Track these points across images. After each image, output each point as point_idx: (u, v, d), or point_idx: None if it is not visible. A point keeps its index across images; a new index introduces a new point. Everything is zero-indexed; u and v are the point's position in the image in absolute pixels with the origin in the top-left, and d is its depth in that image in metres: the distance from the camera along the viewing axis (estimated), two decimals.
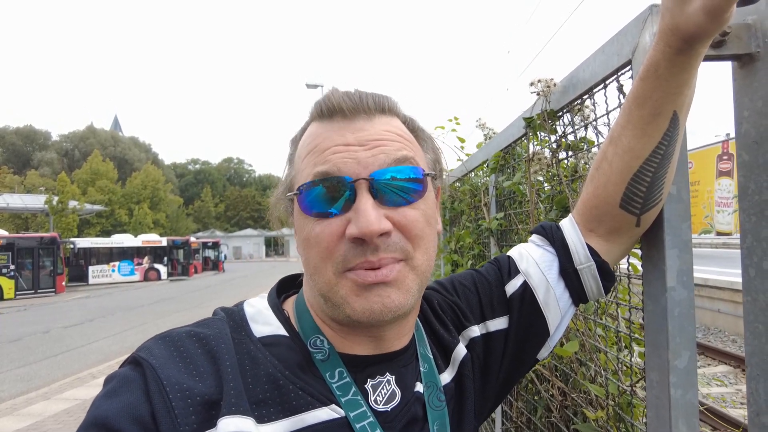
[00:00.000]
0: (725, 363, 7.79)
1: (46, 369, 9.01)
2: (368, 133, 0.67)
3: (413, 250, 0.66)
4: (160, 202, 52.59)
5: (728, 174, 16.23)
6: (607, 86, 1.02)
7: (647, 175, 0.76)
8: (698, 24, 0.61)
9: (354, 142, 0.66)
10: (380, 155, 0.65)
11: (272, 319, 0.72)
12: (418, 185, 0.67)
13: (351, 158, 0.65)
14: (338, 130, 0.67)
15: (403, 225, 0.65)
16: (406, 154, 0.67)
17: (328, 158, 0.65)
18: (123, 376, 0.60)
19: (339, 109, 0.67)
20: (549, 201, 1.40)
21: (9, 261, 21.49)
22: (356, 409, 0.66)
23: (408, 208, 0.66)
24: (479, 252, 2.32)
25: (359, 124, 0.67)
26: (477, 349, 0.84)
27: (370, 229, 0.61)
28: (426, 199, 0.69)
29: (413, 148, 0.71)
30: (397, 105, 0.73)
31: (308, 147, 0.69)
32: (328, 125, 0.68)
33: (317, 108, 0.70)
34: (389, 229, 0.64)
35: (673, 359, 0.81)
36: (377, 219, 0.62)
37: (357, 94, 0.69)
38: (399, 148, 0.67)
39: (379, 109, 0.69)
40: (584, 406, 1.25)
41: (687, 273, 0.82)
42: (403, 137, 0.70)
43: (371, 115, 0.68)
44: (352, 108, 0.67)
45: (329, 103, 0.68)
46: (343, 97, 0.68)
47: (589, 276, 0.84)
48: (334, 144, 0.66)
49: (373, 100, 0.69)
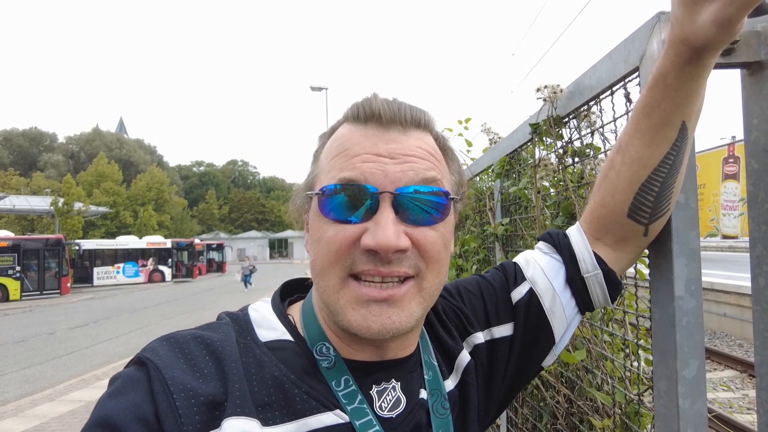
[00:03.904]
0: (731, 368, 7.73)
1: (51, 370, 9.05)
2: (401, 146, 0.65)
3: (426, 270, 0.66)
4: (164, 204, 52.75)
5: (734, 177, 16.09)
6: (614, 93, 1.02)
7: (655, 185, 0.75)
8: (708, 35, 0.61)
9: (385, 154, 0.64)
10: (409, 172, 0.64)
11: (277, 324, 0.72)
12: (441, 207, 0.66)
13: (379, 170, 0.63)
14: (371, 138, 0.66)
15: (421, 245, 0.64)
16: (434, 175, 0.66)
17: (356, 165, 0.64)
18: (127, 376, 0.60)
19: (377, 115, 0.66)
20: (555, 207, 1.39)
21: (15, 262, 21.60)
22: (362, 417, 0.66)
23: (429, 228, 0.65)
24: (484, 257, 2.32)
25: (393, 135, 0.66)
26: (481, 355, 0.83)
27: (387, 243, 0.60)
28: (446, 222, 0.68)
29: (441, 169, 0.70)
30: (432, 121, 0.72)
31: (337, 148, 0.68)
32: (361, 130, 0.67)
33: (353, 110, 0.68)
34: (407, 247, 0.63)
35: (682, 369, 0.80)
36: (396, 235, 0.61)
37: (396, 103, 0.68)
38: (428, 168, 0.66)
39: (415, 123, 0.68)
40: (590, 414, 1.24)
41: (695, 282, 0.81)
42: (433, 156, 0.69)
43: (407, 128, 0.67)
44: (390, 118, 0.66)
45: (368, 107, 0.67)
46: (383, 104, 0.66)
47: (595, 284, 0.84)
48: (365, 151, 0.65)
49: (410, 112, 0.68)
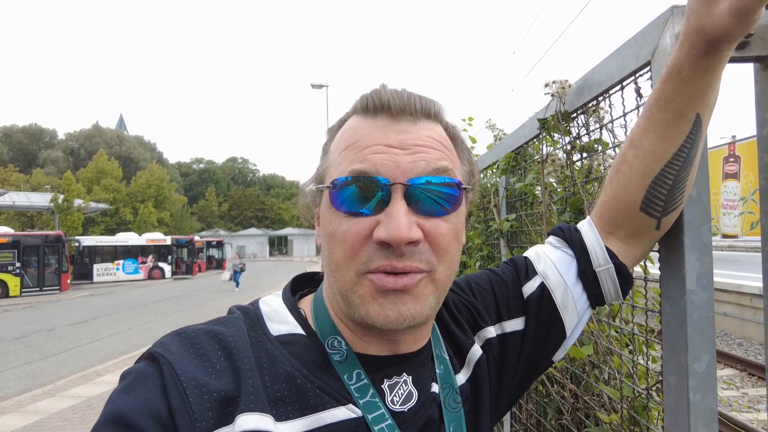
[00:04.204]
0: (731, 366, 7.75)
1: (51, 366, 9.06)
2: (411, 136, 0.65)
3: (437, 262, 0.65)
4: (164, 201, 52.73)
5: (734, 176, 16.09)
6: (624, 88, 1.01)
7: (669, 178, 0.75)
8: (725, 26, 0.60)
9: (396, 144, 0.64)
10: (421, 162, 0.64)
11: (289, 318, 0.71)
12: (453, 198, 0.66)
13: (391, 161, 0.63)
14: (381, 129, 0.65)
15: (433, 236, 0.64)
16: (446, 165, 0.66)
17: (367, 157, 0.64)
18: (139, 371, 0.60)
19: (387, 106, 0.65)
20: (562, 202, 1.39)
21: (15, 259, 21.59)
22: (374, 411, 0.65)
23: (440, 219, 0.65)
24: (488, 253, 2.32)
25: (403, 125, 0.65)
26: (492, 350, 0.83)
27: (400, 235, 0.60)
28: (458, 213, 0.68)
29: (452, 158, 0.69)
30: (442, 111, 0.71)
31: (347, 141, 0.67)
32: (371, 122, 0.66)
33: (362, 101, 0.68)
34: (419, 238, 0.62)
35: (692, 363, 0.80)
36: (408, 226, 0.61)
37: (405, 94, 0.67)
38: (440, 158, 0.66)
39: (425, 114, 0.68)
40: (597, 409, 1.25)
41: (707, 276, 0.81)
42: (444, 146, 0.68)
43: (417, 118, 0.67)
44: (400, 108, 0.65)
45: (377, 98, 0.66)
46: (392, 94, 0.66)
47: (607, 278, 0.84)
48: (375, 143, 0.64)
49: (420, 103, 0.67)
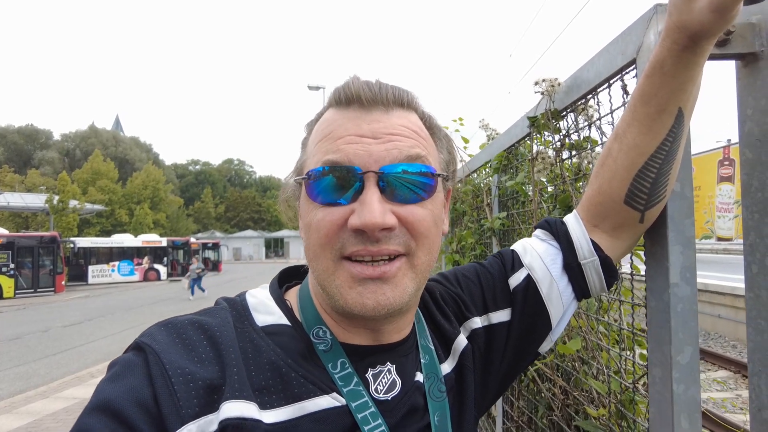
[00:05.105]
0: (725, 368, 7.79)
1: (45, 368, 8.99)
2: (383, 125, 0.66)
3: (416, 247, 0.66)
4: (160, 203, 52.59)
5: (729, 179, 16.23)
6: (611, 86, 1.03)
7: (652, 172, 0.77)
8: (705, 21, 0.62)
9: (368, 134, 0.65)
10: (393, 150, 0.65)
11: (274, 309, 0.72)
12: (427, 184, 0.67)
13: (363, 150, 0.64)
14: (353, 120, 0.66)
15: (409, 222, 0.65)
16: (419, 152, 0.67)
17: (340, 147, 0.65)
18: (126, 361, 0.61)
19: (357, 98, 0.67)
20: (552, 200, 1.41)
21: (9, 260, 21.48)
22: (358, 399, 0.67)
23: (416, 206, 0.66)
24: (481, 252, 2.33)
25: (375, 115, 0.67)
26: (478, 340, 0.84)
27: (373, 221, 0.61)
28: (434, 199, 0.69)
29: (427, 146, 0.70)
30: (416, 100, 0.72)
31: (322, 133, 0.69)
32: (344, 113, 0.68)
33: (335, 94, 0.69)
34: (393, 225, 0.63)
35: (676, 355, 0.81)
36: (381, 213, 0.62)
37: (377, 84, 0.68)
38: (413, 145, 0.67)
39: (398, 103, 0.69)
40: (586, 404, 1.26)
41: (690, 269, 0.82)
42: (418, 134, 0.69)
43: (389, 107, 0.68)
44: (371, 98, 0.66)
45: (348, 90, 0.67)
46: (362, 86, 0.67)
47: (592, 271, 0.85)
48: (347, 133, 0.65)
49: (392, 92, 0.68)
